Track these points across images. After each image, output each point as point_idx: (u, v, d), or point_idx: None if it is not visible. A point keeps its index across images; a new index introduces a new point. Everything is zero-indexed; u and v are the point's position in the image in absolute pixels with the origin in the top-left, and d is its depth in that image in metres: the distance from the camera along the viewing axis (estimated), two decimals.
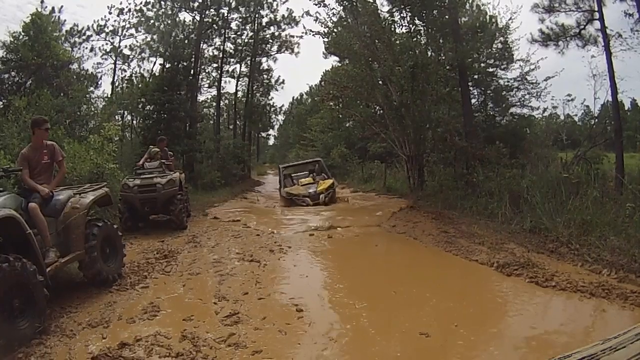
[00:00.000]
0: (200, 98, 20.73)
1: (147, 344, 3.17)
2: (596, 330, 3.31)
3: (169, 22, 18.49)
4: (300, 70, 64.38)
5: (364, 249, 6.87)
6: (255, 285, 4.66)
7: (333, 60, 21.89)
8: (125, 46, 20.80)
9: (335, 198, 11.87)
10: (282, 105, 36.08)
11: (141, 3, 19.53)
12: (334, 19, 12.60)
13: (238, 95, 24.24)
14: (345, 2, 12.17)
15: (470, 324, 3.53)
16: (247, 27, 21.12)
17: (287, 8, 22.67)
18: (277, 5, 21.55)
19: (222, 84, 21.18)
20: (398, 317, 3.77)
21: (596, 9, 9.48)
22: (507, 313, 3.77)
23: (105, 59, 20.53)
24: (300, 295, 4.30)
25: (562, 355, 1.02)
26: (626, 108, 17.63)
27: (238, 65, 22.12)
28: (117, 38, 20.58)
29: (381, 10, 11.88)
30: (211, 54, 20.17)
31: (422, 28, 12.10)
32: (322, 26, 12.78)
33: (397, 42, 11.56)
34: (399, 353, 3.12)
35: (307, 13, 13.11)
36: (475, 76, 13.59)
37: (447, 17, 11.55)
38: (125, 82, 19.93)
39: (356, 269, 5.71)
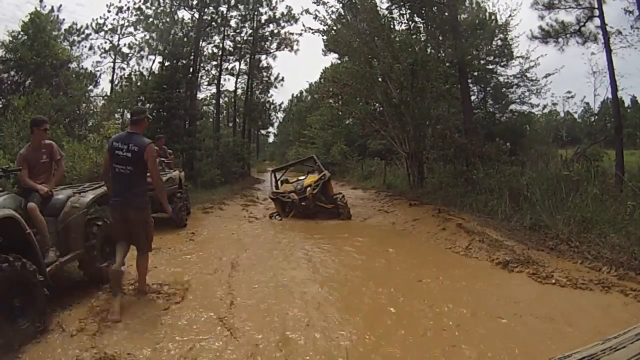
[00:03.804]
0: (200, 96, 20.75)
1: (148, 343, 3.17)
2: (595, 328, 3.31)
3: (168, 20, 18.47)
4: (299, 67, 64.35)
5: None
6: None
7: (332, 58, 21.93)
8: (124, 44, 20.89)
9: (349, 214, 9.42)
10: (282, 103, 36.26)
11: (140, 1, 19.56)
12: (333, 16, 12.59)
13: (237, 93, 24.29)
14: None
15: (469, 321, 3.54)
16: (247, 25, 21.13)
17: (287, 5, 22.85)
18: (276, 2, 21.58)
19: (222, 81, 21.22)
20: (397, 318, 3.77)
21: (596, 6, 9.48)
22: (506, 310, 3.77)
23: (105, 58, 20.62)
24: None
25: (562, 355, 1.02)
26: (626, 105, 17.69)
27: (237, 63, 22.16)
28: (116, 36, 20.66)
29: (380, 7, 11.87)
30: (210, 51, 20.20)
31: (421, 25, 12.09)
32: (321, 24, 12.78)
33: (397, 39, 11.52)
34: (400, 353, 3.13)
35: (307, 11, 13.08)
36: (475, 73, 13.59)
37: (446, 14, 11.53)
38: (125, 80, 19.94)
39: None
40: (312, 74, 56.50)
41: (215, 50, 20.23)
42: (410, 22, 11.81)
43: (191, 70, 17.92)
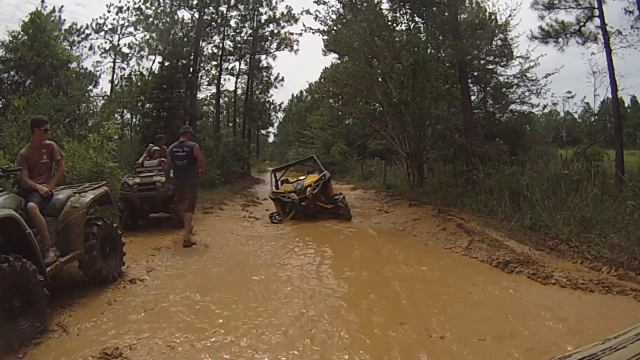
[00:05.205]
0: (200, 96, 20.75)
1: (148, 342, 3.18)
2: (595, 328, 3.30)
3: (168, 20, 18.49)
4: (299, 67, 64.10)
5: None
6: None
7: (332, 58, 21.77)
8: (124, 44, 20.84)
9: (349, 214, 9.22)
10: (282, 103, 36.11)
11: (140, 1, 19.53)
12: (333, 16, 12.57)
13: (237, 93, 24.26)
14: None
15: (468, 322, 3.54)
16: (246, 25, 21.12)
17: (286, 5, 22.78)
18: (276, 2, 21.57)
19: (222, 81, 21.19)
20: (395, 321, 3.77)
21: (596, 6, 9.49)
22: (506, 310, 3.77)
23: (105, 58, 20.56)
24: None
25: (562, 355, 1.02)
26: (626, 105, 17.67)
27: (237, 63, 22.13)
28: (116, 36, 20.60)
29: (380, 7, 11.85)
30: (210, 51, 20.18)
31: (421, 25, 12.08)
32: (321, 24, 12.76)
33: (397, 39, 11.51)
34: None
35: (307, 12, 13.00)
36: (475, 73, 13.56)
37: (446, 14, 11.52)
38: (125, 80, 19.95)
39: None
40: (312, 74, 56.28)
41: (215, 50, 20.23)
42: (410, 22, 11.80)
43: (191, 70, 17.93)
